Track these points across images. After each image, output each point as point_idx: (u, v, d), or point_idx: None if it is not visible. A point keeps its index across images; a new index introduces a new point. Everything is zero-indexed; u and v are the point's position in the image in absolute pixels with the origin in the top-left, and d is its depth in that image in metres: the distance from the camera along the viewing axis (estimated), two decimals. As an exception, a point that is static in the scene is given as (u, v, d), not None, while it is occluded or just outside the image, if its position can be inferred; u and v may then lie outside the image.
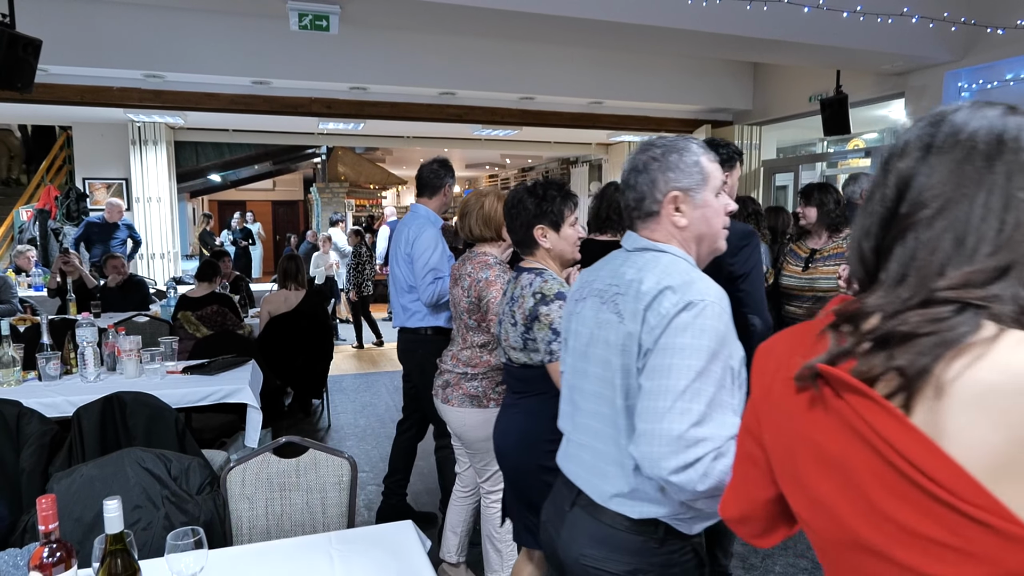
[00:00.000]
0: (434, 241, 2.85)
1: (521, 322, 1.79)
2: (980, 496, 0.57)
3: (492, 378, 2.23)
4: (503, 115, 6.85)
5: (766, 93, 6.93)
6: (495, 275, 2.19)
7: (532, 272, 1.83)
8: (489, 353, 2.24)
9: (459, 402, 2.24)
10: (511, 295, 1.86)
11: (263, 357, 3.97)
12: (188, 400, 2.81)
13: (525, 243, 1.87)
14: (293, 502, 1.89)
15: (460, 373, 2.27)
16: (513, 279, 1.89)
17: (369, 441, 4.38)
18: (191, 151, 8.88)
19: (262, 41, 5.33)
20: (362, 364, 6.75)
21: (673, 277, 1.17)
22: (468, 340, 2.27)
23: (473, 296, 2.21)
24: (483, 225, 2.28)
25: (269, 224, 16.17)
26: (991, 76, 4.90)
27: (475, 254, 2.30)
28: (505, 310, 1.86)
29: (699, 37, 4.38)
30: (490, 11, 3.86)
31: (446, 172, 3.04)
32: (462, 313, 2.27)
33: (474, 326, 2.24)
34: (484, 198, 2.30)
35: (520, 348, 1.81)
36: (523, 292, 1.79)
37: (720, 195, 1.29)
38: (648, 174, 1.25)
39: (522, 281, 1.83)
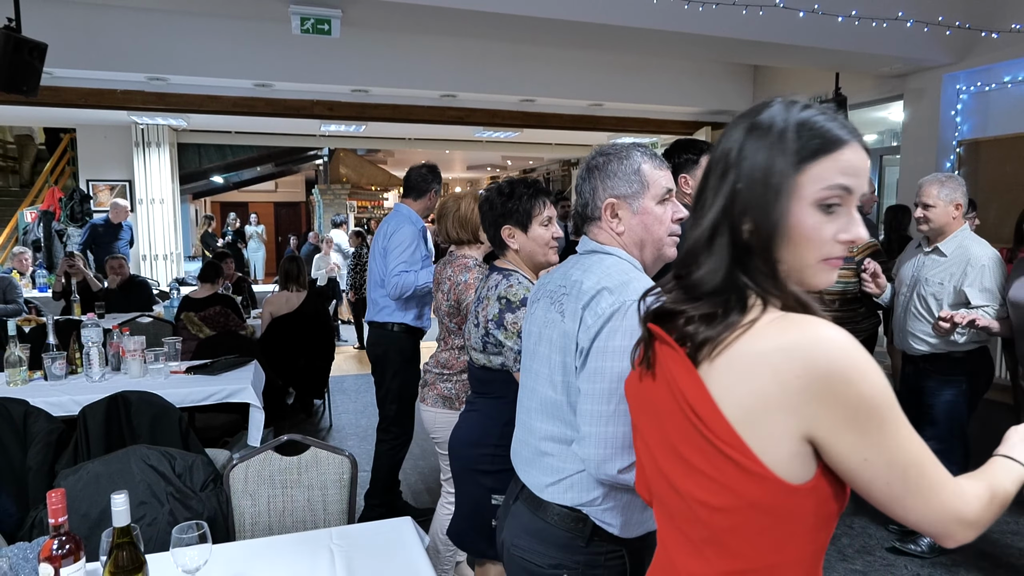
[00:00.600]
0: (410, 238, 2.90)
1: (483, 324, 1.75)
2: (730, 436, 0.72)
3: (465, 382, 2.20)
4: (504, 117, 6.89)
5: (766, 95, 6.89)
6: (474, 278, 2.17)
7: (501, 273, 1.77)
8: (463, 354, 2.22)
9: (432, 402, 2.25)
10: (478, 294, 1.83)
11: (265, 357, 4.01)
12: (191, 399, 2.85)
13: (496, 244, 1.83)
14: (295, 499, 1.92)
15: (437, 374, 2.28)
16: (483, 278, 1.86)
17: (370, 441, 4.40)
18: (194, 153, 8.94)
19: (264, 44, 5.38)
20: (363, 365, 6.78)
21: (612, 278, 1.19)
22: (448, 343, 2.27)
23: (452, 299, 2.19)
24: (459, 227, 2.27)
25: (271, 225, 16.22)
26: (989, 78, 4.93)
27: (455, 257, 2.27)
28: (472, 309, 1.84)
29: (697, 40, 4.42)
30: (490, 14, 3.90)
31: (433, 178, 3.09)
32: (443, 316, 2.26)
33: (454, 329, 2.23)
34: (460, 200, 2.27)
35: (479, 349, 1.78)
36: (488, 294, 1.75)
37: (666, 203, 1.27)
38: (590, 181, 1.28)
39: (489, 282, 1.78)
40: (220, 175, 10.71)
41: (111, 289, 5.13)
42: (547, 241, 1.78)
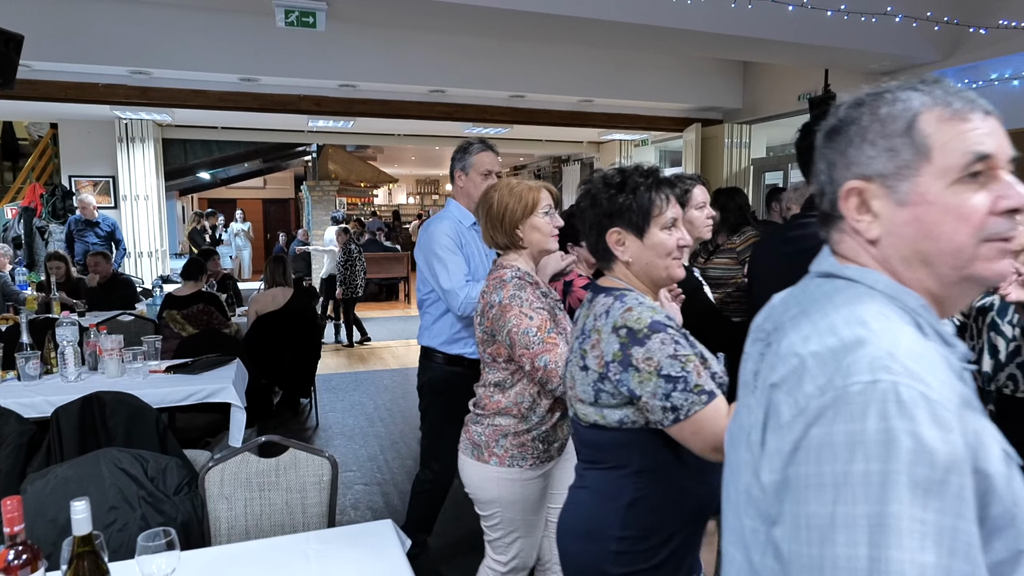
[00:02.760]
0: (438, 238, 2.30)
1: (596, 367, 1.24)
2: None
3: (498, 427, 1.77)
4: (493, 113, 6.84)
5: (755, 92, 6.94)
6: (509, 295, 1.69)
7: (609, 294, 1.29)
8: (501, 393, 1.77)
9: (464, 447, 1.88)
10: (582, 327, 1.32)
11: (250, 356, 3.95)
12: (170, 400, 2.79)
13: (599, 253, 1.37)
14: (272, 502, 1.87)
15: (472, 413, 1.90)
16: (586, 304, 1.35)
17: (357, 440, 4.37)
18: (179, 149, 8.81)
19: (249, 37, 5.30)
20: (351, 363, 6.72)
21: (841, 334, 0.69)
22: (484, 377, 1.85)
23: (486, 325, 1.75)
24: (493, 229, 1.80)
25: (260, 222, 16.09)
26: (976, 76, 4.93)
27: (495, 267, 1.83)
28: (574, 347, 1.33)
29: (687, 35, 4.39)
30: (478, 8, 3.85)
31: (463, 154, 2.43)
32: (478, 343, 1.85)
33: (488, 361, 1.80)
34: (493, 192, 1.82)
35: (590, 401, 1.27)
36: (596, 325, 1.26)
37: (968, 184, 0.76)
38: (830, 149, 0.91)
39: (596, 308, 1.29)
40: (207, 171, 10.58)
41: (92, 287, 5.04)
42: (670, 250, 1.31)
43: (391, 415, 4.91)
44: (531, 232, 1.79)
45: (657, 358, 1.17)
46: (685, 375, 1.17)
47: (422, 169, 17.18)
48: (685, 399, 1.16)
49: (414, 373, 2.73)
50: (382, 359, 6.88)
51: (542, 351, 1.64)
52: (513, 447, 1.76)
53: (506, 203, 1.77)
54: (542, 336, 1.65)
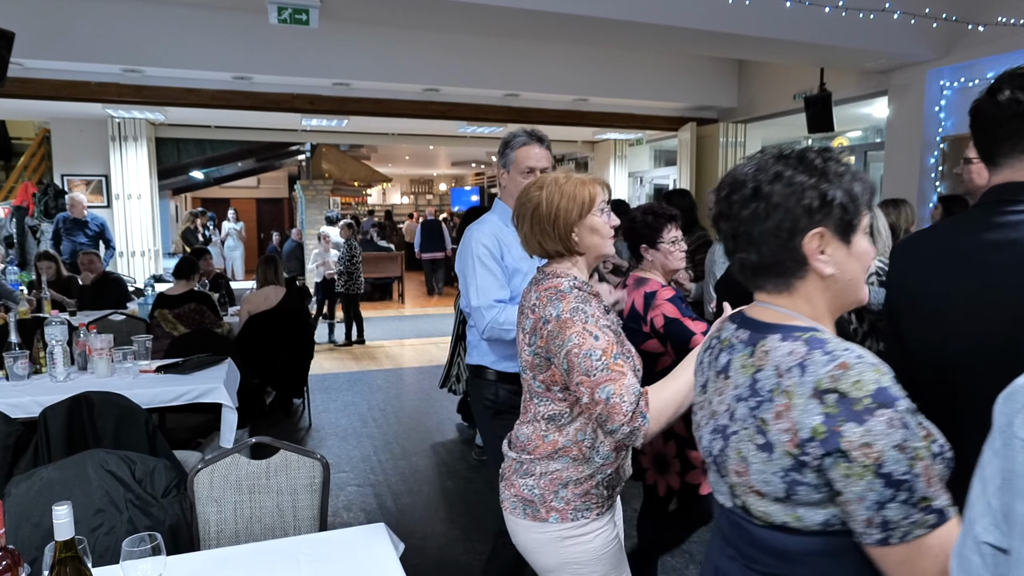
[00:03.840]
0: (473, 247, 2.01)
1: (787, 447, 0.86)
2: None
3: (555, 476, 1.45)
4: (487, 112, 6.81)
5: (751, 91, 6.94)
6: (571, 308, 1.39)
7: (791, 337, 0.90)
8: (557, 431, 1.45)
9: (510, 505, 1.51)
10: (750, 383, 0.92)
11: (242, 356, 3.91)
12: (160, 400, 2.76)
13: (775, 267, 0.94)
14: (263, 505, 1.84)
15: (515, 460, 1.52)
16: (744, 346, 0.96)
17: (351, 441, 4.34)
18: (173, 148, 8.76)
19: (243, 35, 5.26)
20: (346, 363, 6.69)
21: None
22: (531, 409, 1.51)
23: (539, 345, 1.44)
24: (542, 234, 1.50)
25: (253, 222, 16.02)
26: (972, 74, 4.93)
27: (544, 276, 1.52)
28: (741, 413, 0.93)
29: (683, 33, 4.37)
30: (472, 5, 3.82)
31: (505, 148, 2.13)
32: (524, 368, 1.51)
33: (541, 390, 1.47)
34: (540, 190, 1.51)
35: (778, 496, 0.88)
36: (785, 383, 0.87)
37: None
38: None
39: (774, 357, 0.90)
40: (200, 170, 10.52)
41: (84, 286, 5.00)
42: (868, 263, 0.97)
43: (384, 416, 4.88)
44: (589, 235, 1.50)
45: (879, 447, 0.79)
46: (911, 479, 0.80)
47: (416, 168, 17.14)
48: (904, 515, 0.80)
49: (408, 373, 2.69)
50: (376, 359, 6.84)
51: (606, 380, 1.31)
52: (576, 497, 1.45)
53: (557, 203, 1.48)
54: (607, 361, 1.33)
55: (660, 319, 2.03)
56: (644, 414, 1.30)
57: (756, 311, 0.99)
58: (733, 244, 0.98)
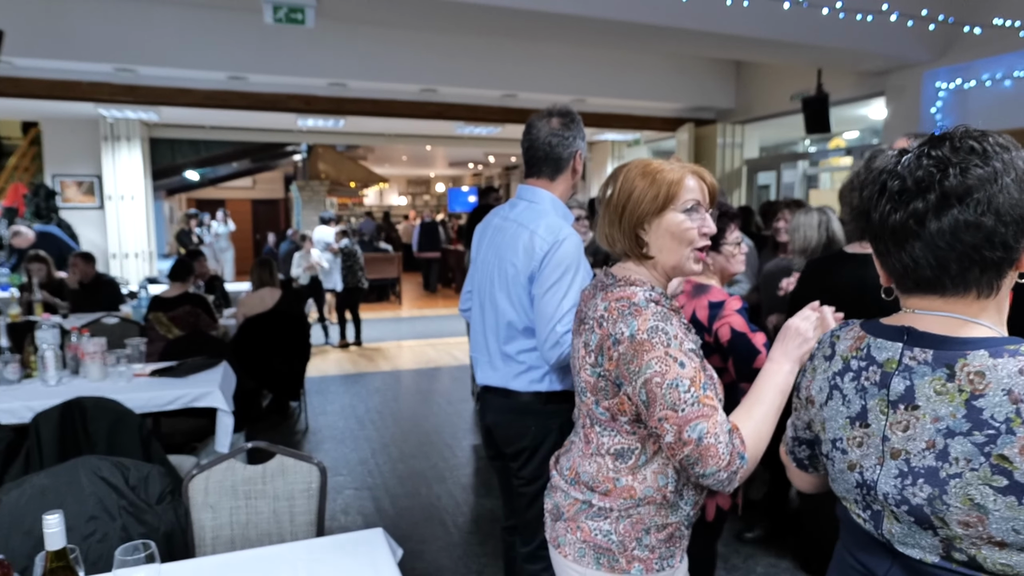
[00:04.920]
0: (574, 257, 1.72)
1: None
2: None
3: (638, 520, 1.22)
4: (485, 112, 6.79)
5: (748, 92, 6.94)
6: (649, 327, 1.14)
7: (1003, 351, 0.78)
8: (631, 474, 1.22)
9: (575, 553, 1.26)
10: (965, 413, 0.78)
11: (238, 358, 3.87)
12: (155, 404, 2.72)
13: (976, 280, 0.81)
14: (259, 510, 1.81)
15: (580, 500, 1.27)
16: (932, 369, 0.81)
17: (348, 444, 4.30)
18: (167, 148, 8.70)
19: (237, 35, 5.22)
20: (343, 365, 6.65)
21: None
22: (593, 440, 1.26)
23: (607, 367, 1.20)
24: (610, 225, 1.27)
25: (249, 223, 15.95)
26: (968, 76, 4.93)
27: (614, 281, 1.25)
28: (962, 451, 0.78)
29: (681, 34, 4.36)
30: (469, 5, 3.80)
31: (574, 135, 1.84)
32: (584, 390, 1.27)
33: (605, 418, 1.24)
34: (620, 172, 1.28)
35: (1021, 545, 0.76)
36: (1022, 415, 0.74)
37: None
38: None
39: (996, 379, 0.76)
40: (195, 171, 10.46)
41: (74, 288, 4.95)
42: None
43: (382, 418, 4.84)
44: (661, 237, 1.23)
45: None
46: None
47: (413, 169, 17.10)
48: None
49: (406, 375, 2.65)
50: (373, 361, 6.80)
51: (697, 416, 1.09)
52: (660, 543, 1.23)
53: (630, 191, 1.23)
54: (697, 394, 1.10)
55: (727, 332, 1.77)
56: (742, 454, 1.09)
57: (925, 322, 0.84)
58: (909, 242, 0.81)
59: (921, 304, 0.85)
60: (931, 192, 0.79)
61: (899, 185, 0.82)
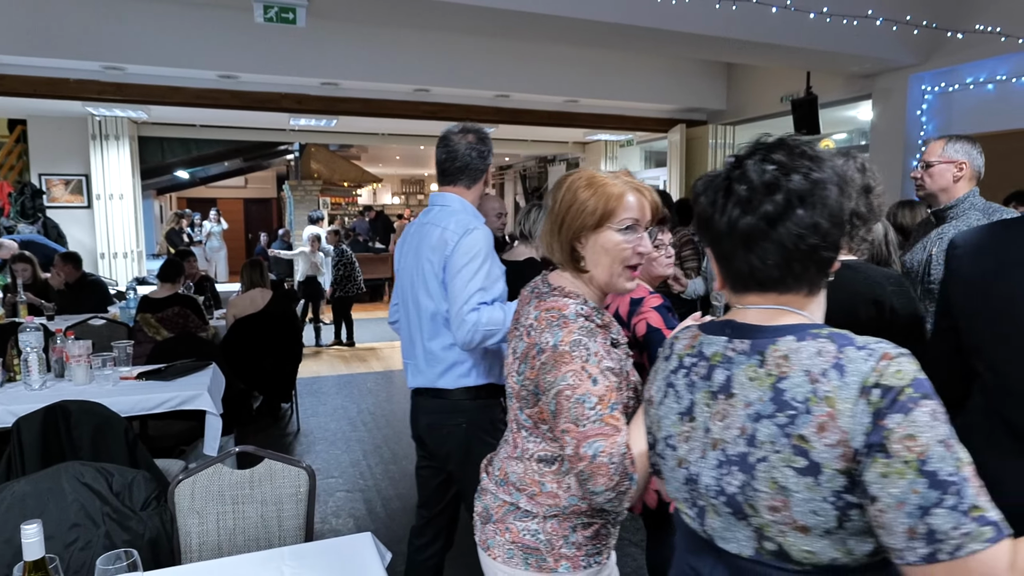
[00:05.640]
0: (483, 245, 1.87)
1: (837, 463, 0.75)
2: None
3: (567, 519, 1.24)
4: (478, 113, 6.77)
5: (739, 93, 6.96)
6: (572, 341, 1.15)
7: (808, 335, 0.81)
8: (556, 481, 1.24)
9: (504, 555, 1.27)
10: (772, 396, 0.80)
11: (228, 360, 3.84)
12: (141, 408, 2.69)
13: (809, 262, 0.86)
14: (247, 515, 1.79)
15: (508, 502, 1.29)
16: (748, 357, 0.85)
17: (339, 445, 4.28)
18: (156, 147, 8.62)
19: (228, 33, 5.18)
20: (335, 366, 6.62)
21: None
22: (519, 444, 1.29)
23: (528, 375, 1.22)
24: (550, 235, 1.27)
25: (241, 222, 15.86)
26: (952, 79, 4.97)
27: (549, 289, 1.26)
28: (767, 434, 0.79)
29: (672, 36, 4.36)
30: (461, 6, 3.79)
31: (488, 150, 2.03)
32: (511, 395, 1.31)
33: (529, 424, 1.27)
34: (565, 180, 1.28)
35: (828, 527, 0.76)
36: (819, 391, 0.76)
37: None
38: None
39: (798, 361, 0.80)
40: (185, 170, 10.38)
41: (60, 289, 4.89)
42: None
43: (375, 419, 4.82)
44: (596, 252, 1.23)
45: (924, 440, 0.70)
46: (960, 482, 0.70)
47: (407, 168, 17.05)
48: (954, 524, 0.69)
49: (398, 376, 2.63)
50: (366, 361, 6.78)
51: (596, 434, 1.10)
52: (587, 540, 1.25)
53: (571, 200, 1.23)
54: (602, 412, 1.11)
55: (643, 327, 1.83)
56: (632, 476, 1.09)
57: (747, 315, 0.88)
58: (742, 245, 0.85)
59: (756, 300, 0.87)
60: (778, 194, 0.81)
61: (747, 189, 0.83)
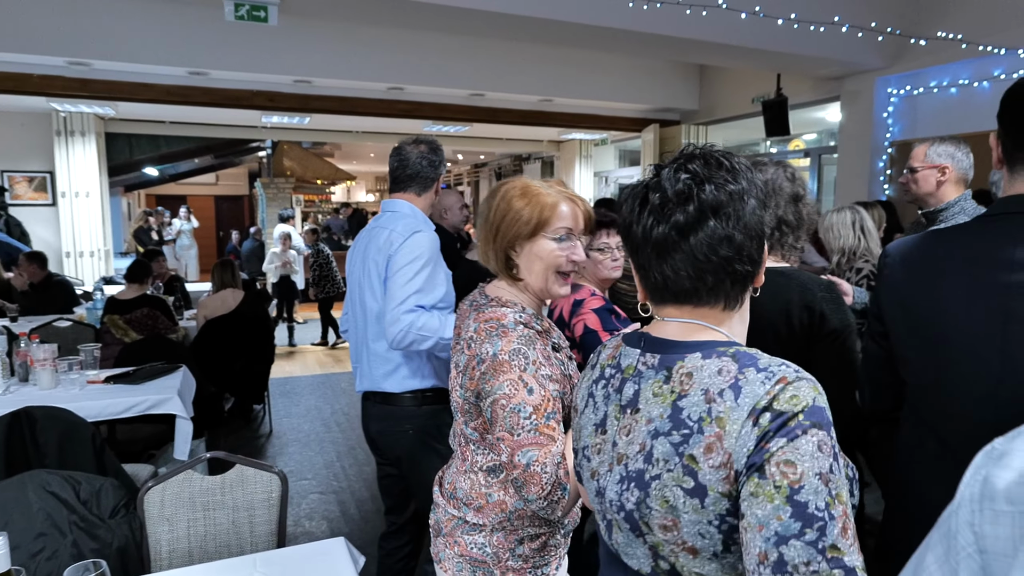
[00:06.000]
0: (428, 248, 1.91)
1: (721, 486, 0.73)
2: None
3: (513, 531, 1.26)
4: (453, 111, 6.77)
5: (712, 94, 7.06)
6: (511, 350, 1.16)
7: (713, 353, 0.79)
8: (503, 489, 1.25)
9: (454, 568, 1.28)
10: (670, 413, 0.79)
11: (198, 362, 3.80)
12: (109, 412, 2.65)
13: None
14: (218, 521, 1.79)
15: (456, 516, 1.30)
16: (656, 372, 0.83)
17: (313, 447, 4.26)
18: (124, 143, 8.45)
19: (199, 29, 5.10)
20: (309, 366, 6.57)
21: None
22: (468, 458, 1.29)
23: (468, 386, 1.22)
24: (485, 244, 1.29)
25: (212, 220, 15.60)
26: (917, 83, 5.11)
27: (487, 301, 1.27)
28: (663, 452, 0.78)
29: (644, 38, 4.41)
30: (434, 6, 3.78)
31: (440, 160, 2.11)
32: (455, 410, 1.31)
33: (475, 437, 1.27)
34: (500, 188, 1.29)
35: (716, 550, 0.75)
36: (716, 409, 0.75)
37: None
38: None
39: (699, 379, 0.78)
40: (154, 167, 10.18)
41: (23, 290, 4.77)
42: None
43: (349, 420, 4.81)
44: (531, 260, 1.25)
45: (802, 469, 0.68)
46: (826, 520, 0.67)
47: (382, 166, 16.92)
48: (806, 559, 0.66)
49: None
50: (340, 361, 6.74)
51: (530, 443, 1.11)
52: (534, 552, 1.26)
53: (506, 210, 1.24)
54: (537, 422, 1.12)
55: (580, 328, 1.85)
56: (564, 486, 1.10)
57: (664, 329, 0.85)
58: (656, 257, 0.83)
59: (673, 313, 0.85)
60: (690, 204, 0.80)
61: (660, 198, 0.82)
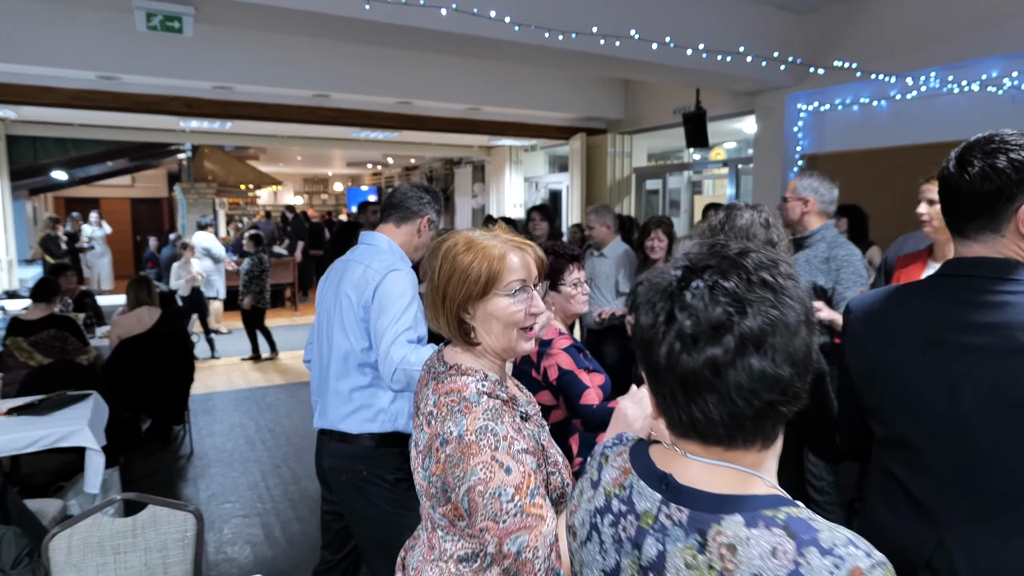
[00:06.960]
0: (410, 286, 1.88)
1: None
2: None
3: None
4: (380, 119, 6.72)
5: (636, 104, 7.31)
6: (476, 428, 1.06)
7: (759, 519, 0.68)
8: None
9: None
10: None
11: (111, 385, 3.65)
12: (12, 447, 2.53)
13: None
14: (129, 564, 1.76)
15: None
16: (685, 533, 0.72)
17: (236, 467, 4.16)
18: (27, 146, 7.91)
19: (108, 33, 4.85)
20: (233, 380, 6.36)
21: None
22: (437, 546, 1.15)
23: (433, 470, 1.09)
24: (433, 309, 1.17)
25: (128, 224, 14.79)
26: (824, 99, 5.49)
27: (445, 370, 1.16)
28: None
29: (567, 55, 4.54)
30: (347, 20, 3.75)
31: (432, 199, 2.06)
32: (420, 493, 1.16)
33: (444, 524, 1.13)
34: (441, 245, 1.17)
35: None
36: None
37: None
38: None
39: (747, 559, 0.66)
40: (62, 170, 9.57)
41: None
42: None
43: (274, 437, 4.71)
44: (487, 321, 1.14)
45: None
46: None
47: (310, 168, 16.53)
48: None
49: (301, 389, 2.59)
50: (265, 373, 6.57)
51: (518, 528, 1.01)
52: None
53: (451, 269, 1.12)
54: (521, 503, 1.02)
55: (554, 371, 1.79)
56: (557, 571, 1.01)
57: (688, 471, 0.73)
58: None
59: (699, 452, 0.73)
60: (727, 335, 0.67)
61: (692, 325, 0.69)
